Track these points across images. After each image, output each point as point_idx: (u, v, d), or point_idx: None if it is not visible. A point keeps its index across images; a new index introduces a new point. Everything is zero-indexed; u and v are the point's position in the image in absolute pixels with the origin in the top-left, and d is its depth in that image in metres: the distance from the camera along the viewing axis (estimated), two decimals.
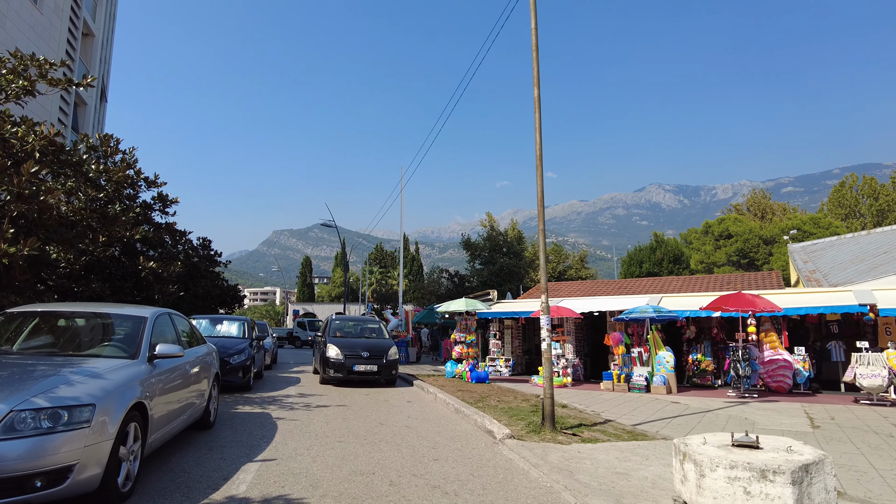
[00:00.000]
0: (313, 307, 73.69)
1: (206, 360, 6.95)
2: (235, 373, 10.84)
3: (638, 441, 7.33)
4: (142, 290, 13.15)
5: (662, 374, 14.33)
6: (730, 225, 57.82)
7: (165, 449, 5.80)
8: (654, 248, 62.05)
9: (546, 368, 8.29)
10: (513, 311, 17.52)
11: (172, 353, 5.09)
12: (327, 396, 11.02)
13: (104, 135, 14.42)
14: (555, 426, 7.98)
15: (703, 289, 19.56)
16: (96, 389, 3.93)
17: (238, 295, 24.92)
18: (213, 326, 12.51)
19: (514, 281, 48.00)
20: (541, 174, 8.60)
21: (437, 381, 14.74)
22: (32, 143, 6.97)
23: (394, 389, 13.01)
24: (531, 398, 11.70)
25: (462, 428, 8.08)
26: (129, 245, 13.18)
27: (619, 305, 17.01)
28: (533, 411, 9.59)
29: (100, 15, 28.09)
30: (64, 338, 5.25)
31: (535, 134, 8.72)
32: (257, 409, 9.07)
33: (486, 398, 11.46)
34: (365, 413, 9.08)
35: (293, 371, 17.50)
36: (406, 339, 24.18)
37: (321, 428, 7.54)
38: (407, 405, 10.29)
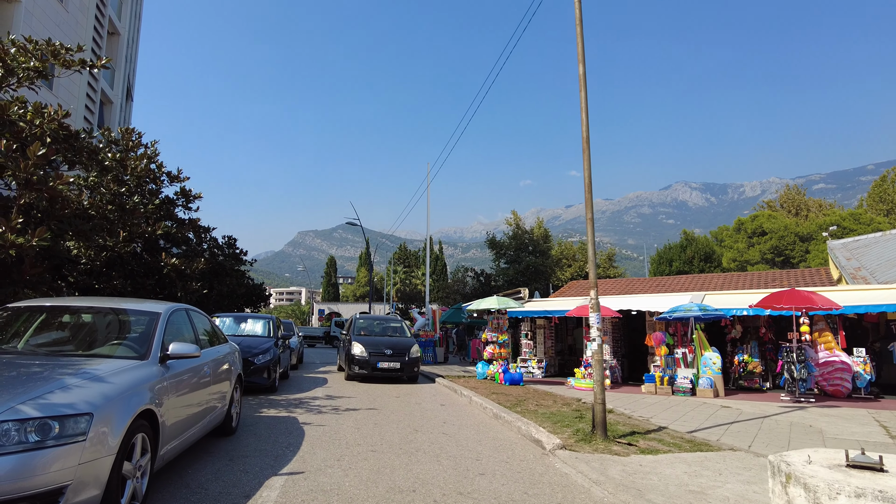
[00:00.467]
0: (338, 307, 73.66)
1: (227, 360, 6.38)
2: (260, 373, 10.32)
3: (703, 452, 6.56)
4: (164, 287, 12.74)
5: (709, 377, 13.46)
6: (763, 222, 56.02)
7: (181, 459, 5.23)
8: (684, 247, 60.71)
9: (597, 371, 7.57)
10: (546, 310, 16.75)
11: (188, 354, 4.51)
12: (356, 399, 10.43)
13: (126, 128, 14.07)
14: (606, 434, 7.25)
15: (746, 286, 18.55)
16: (95, 396, 3.34)
17: (263, 294, 24.58)
18: (237, 325, 12.02)
19: (540, 280, 47.10)
20: (588, 158, 7.88)
21: (469, 383, 14.08)
22: (41, 126, 6.50)
23: (425, 391, 12.37)
24: (572, 402, 10.96)
25: (505, 436, 7.39)
26: (152, 241, 12.78)
27: (660, 304, 16.14)
28: (578, 417, 8.86)
29: (125, 14, 28.04)
30: (67, 336, 4.70)
31: (580, 114, 8.00)
32: (283, 412, 8.50)
33: (524, 402, 10.76)
34: (397, 418, 8.45)
35: (319, 371, 17.00)
36: (433, 338, 23.55)
37: (351, 435, 6.93)
38: (440, 409, 9.64)
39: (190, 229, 14.51)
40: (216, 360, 5.93)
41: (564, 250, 58.66)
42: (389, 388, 12.75)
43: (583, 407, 10.37)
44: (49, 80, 7.42)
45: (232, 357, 6.72)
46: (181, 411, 4.58)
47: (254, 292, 23.69)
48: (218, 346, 6.39)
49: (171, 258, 12.54)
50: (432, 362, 22.46)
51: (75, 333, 4.75)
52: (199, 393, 5.10)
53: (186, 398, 4.74)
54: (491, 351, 15.24)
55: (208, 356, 5.66)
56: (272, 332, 11.91)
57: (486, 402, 9.86)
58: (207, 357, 5.61)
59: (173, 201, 14.30)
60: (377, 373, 13.93)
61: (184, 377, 4.72)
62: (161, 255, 12.39)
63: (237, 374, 6.78)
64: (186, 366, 4.82)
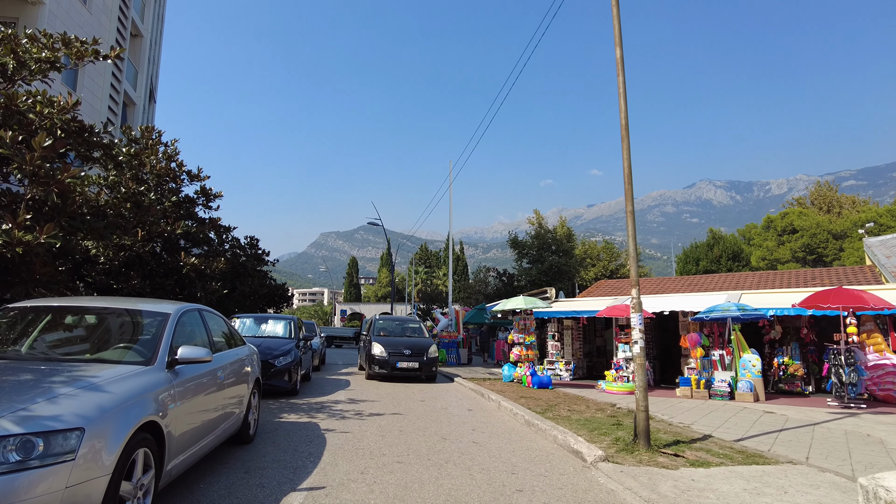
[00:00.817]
0: (360, 307, 73.64)
1: (244, 364, 5.99)
2: (281, 376, 9.96)
3: (759, 465, 5.98)
4: (184, 287, 12.48)
5: (748, 380, 12.77)
6: (794, 219, 54.44)
7: (193, 471, 4.84)
8: (711, 245, 59.40)
9: (640, 376, 7.03)
10: (575, 311, 16.16)
11: (198, 358, 4.10)
12: (380, 403, 10.00)
13: (146, 126, 13.88)
14: (650, 444, 6.71)
15: (784, 285, 17.73)
16: (89, 407, 2.94)
17: (286, 294, 24.35)
18: (258, 326, 11.70)
19: (563, 280, 46.29)
20: (627, 146, 7.34)
21: (495, 386, 13.59)
22: (51, 117, 6.19)
23: (451, 395, 11.91)
24: (606, 407, 10.40)
25: (540, 445, 6.88)
26: (171, 241, 12.54)
27: (694, 304, 15.47)
28: (615, 424, 8.32)
29: (148, 16, 28.10)
30: (67, 338, 4.33)
31: (618, 100, 7.47)
32: (304, 417, 8.10)
33: (555, 407, 10.24)
34: (423, 424, 8.00)
35: (341, 373, 16.66)
36: (457, 339, 23.09)
37: (376, 443, 6.49)
38: (468, 414, 9.17)
39: (210, 228, 14.26)
40: (232, 363, 5.54)
41: (588, 250, 57.76)
42: (413, 390, 12.33)
43: (618, 412, 9.82)
44: (61, 72, 7.12)
45: (250, 360, 6.33)
46: (192, 421, 4.18)
47: (276, 293, 23.47)
48: (235, 348, 6.01)
49: (191, 258, 12.29)
50: (456, 364, 22.00)
51: (77, 336, 4.38)
52: (212, 400, 4.71)
53: (198, 406, 4.34)
54: (517, 353, 14.72)
55: (223, 360, 5.27)
56: (293, 333, 11.56)
57: (516, 408, 9.36)
58: (222, 361, 5.22)
59: (193, 200, 14.08)
60: (396, 372, 14.31)
61: (195, 383, 4.33)
62: (180, 254, 12.14)
63: (255, 379, 6.39)
64: (198, 371, 4.43)
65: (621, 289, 20.71)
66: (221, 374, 5.02)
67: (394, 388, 12.45)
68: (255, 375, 6.40)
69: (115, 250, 10.92)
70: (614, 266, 57.83)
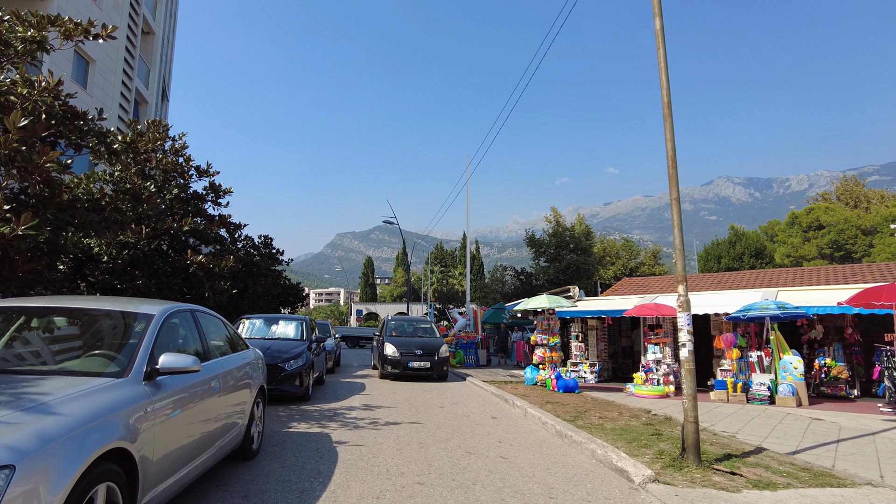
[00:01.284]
0: (376, 307, 73.22)
1: (247, 371, 5.35)
2: (291, 381, 9.33)
3: (833, 487, 5.20)
4: (192, 286, 11.92)
5: (789, 383, 11.91)
6: (820, 215, 52.91)
7: (182, 497, 4.19)
8: (733, 242, 58.12)
9: (688, 383, 6.29)
10: (602, 310, 15.35)
11: (183, 368, 3.45)
12: (396, 410, 9.32)
13: (153, 121, 13.37)
14: (701, 459, 5.95)
15: (823, 281, 16.76)
16: (25, 437, 2.29)
17: (301, 294, 23.82)
18: (268, 327, 11.09)
19: (582, 278, 45.31)
20: (670, 126, 6.58)
21: (518, 390, 12.87)
22: (35, 99, 5.61)
23: (472, 400, 11.21)
24: (640, 414, 9.64)
25: (576, 461, 6.15)
26: (178, 238, 11.99)
27: (728, 302, 14.61)
28: (655, 434, 7.57)
29: (160, 13, 27.75)
30: (27, 346, 3.69)
31: (659, 76, 6.71)
32: (314, 427, 7.45)
33: (585, 413, 9.49)
34: (444, 434, 7.30)
35: (357, 375, 16.03)
36: (475, 340, 22.35)
37: (393, 459, 5.80)
38: (492, 423, 8.45)
39: (220, 225, 13.69)
40: (232, 371, 4.90)
41: (607, 247, 56.72)
42: (432, 395, 11.64)
43: (654, 420, 9.05)
44: (49, 53, 6.53)
45: (254, 366, 5.69)
46: (177, 441, 3.53)
47: (290, 292, 22.96)
48: (236, 353, 5.37)
49: (199, 256, 11.73)
50: (474, 365, 21.28)
51: (40, 343, 3.74)
52: (204, 414, 4.06)
53: (186, 423, 3.70)
54: (541, 354, 13.97)
55: (221, 367, 4.62)
56: (305, 334, 10.92)
57: (545, 415, 8.62)
58: (219, 368, 4.57)
59: (202, 196, 13.53)
60: (408, 372, 14.64)
61: (182, 397, 3.67)
62: (187, 252, 11.59)
63: (259, 387, 5.74)
64: (186, 382, 3.77)
65: (648, 287, 19.84)
66: (217, 385, 4.37)
67: (411, 393, 11.78)
68: (259, 383, 5.76)
69: (119, 248, 10.39)
70: (634, 264, 56.76)
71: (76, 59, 19.51)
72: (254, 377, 5.58)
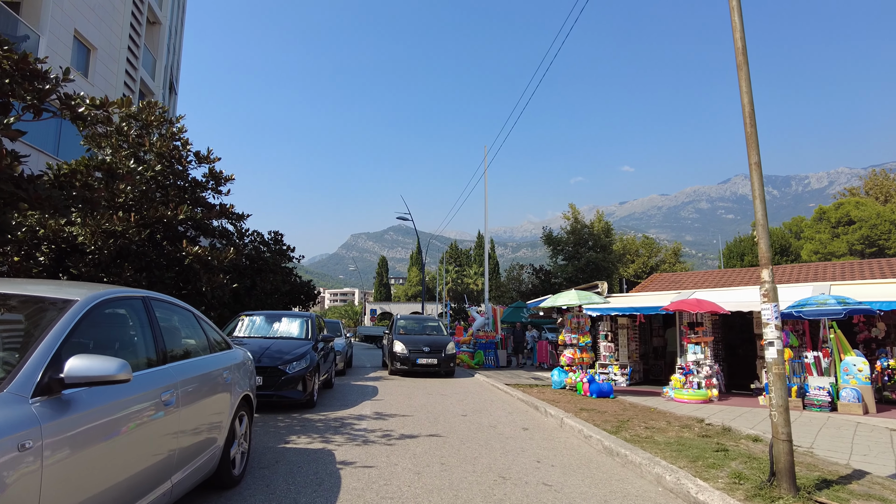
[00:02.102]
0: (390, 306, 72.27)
1: (224, 377, 4.22)
2: (293, 386, 8.20)
3: None
4: (189, 280, 10.87)
5: (854, 388, 10.57)
6: (850, 210, 50.96)
7: None
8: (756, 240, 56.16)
9: (777, 392, 5.06)
10: (636, 307, 14.06)
11: (102, 376, 2.32)
12: (413, 419, 8.15)
13: (147, 101, 12.36)
14: (797, 487, 4.73)
15: (878, 274, 15.35)
16: None
17: (312, 292, 22.76)
18: (269, 325, 9.97)
19: (601, 276, 43.89)
20: (746, 76, 5.35)
21: (545, 394, 11.67)
22: None
23: (496, 407, 10.01)
24: (690, 423, 8.39)
25: (638, 489, 4.94)
26: (173, 227, 10.94)
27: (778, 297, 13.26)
28: (720, 451, 6.34)
29: (166, 3, 26.88)
30: None
31: (731, 15, 5.48)
32: (317, 441, 6.31)
33: (627, 423, 8.28)
34: (470, 452, 6.12)
35: (369, 377, 14.89)
36: (495, 340, 21.12)
37: (410, 487, 4.64)
38: (525, 436, 7.26)
39: (220, 215, 12.64)
40: (201, 377, 3.77)
41: (627, 245, 55.24)
42: (452, 401, 10.47)
43: (711, 431, 7.81)
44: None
45: (237, 371, 4.57)
46: (95, 484, 2.40)
47: (301, 290, 21.92)
48: (213, 355, 4.25)
49: (195, 247, 10.69)
50: (494, 367, 20.06)
51: None
52: (147, 440, 2.92)
53: (110, 457, 2.56)
54: (570, 355, 12.73)
55: (181, 373, 3.49)
56: (310, 333, 9.77)
57: (585, 426, 7.40)
58: (178, 375, 3.43)
59: (201, 184, 12.50)
60: (416, 368, 15.29)
61: (106, 420, 2.54)
62: (182, 243, 10.54)
63: (243, 396, 4.61)
64: (114, 396, 2.64)
65: (681, 282, 18.50)
66: (173, 397, 3.24)
67: (428, 399, 10.61)
68: (243, 391, 4.63)
69: (104, 237, 9.36)
70: (654, 262, 55.27)
71: (76, 45, 18.63)
72: (235, 384, 4.45)
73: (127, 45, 21.37)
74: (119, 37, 21.01)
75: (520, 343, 23.89)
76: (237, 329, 9.73)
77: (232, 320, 10.09)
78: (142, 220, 10.28)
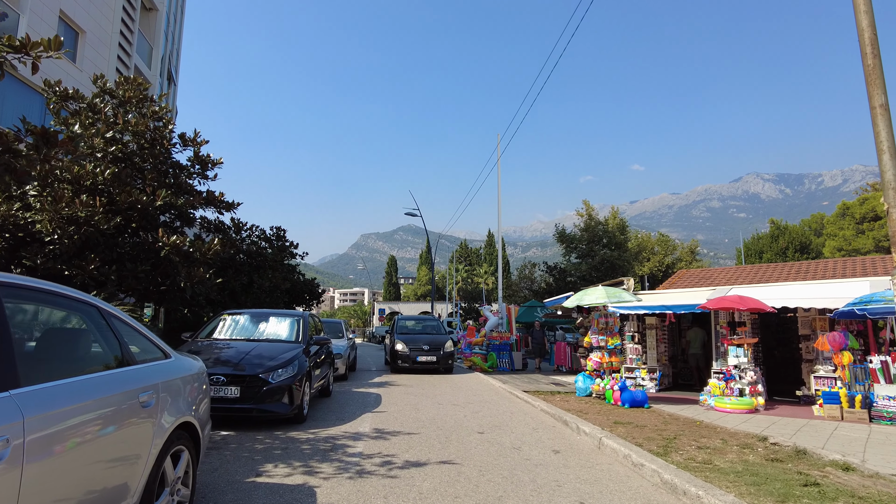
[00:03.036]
0: (399, 306, 71.08)
1: (140, 402, 2.90)
2: (277, 397, 6.87)
3: None
4: (168, 275, 9.61)
5: None
6: (876, 205, 49.21)
7: None
8: (775, 237, 55.16)
9: None
10: (669, 305, 12.61)
11: None
12: (419, 437, 6.81)
13: (126, 77, 11.14)
14: None
15: None
16: None
17: (316, 290, 21.48)
18: (255, 325, 8.63)
19: (617, 275, 42.40)
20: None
21: (570, 403, 10.32)
22: None
23: (518, 421, 8.62)
24: (749, 441, 7.01)
25: None
26: (150, 215, 9.68)
27: (821, 293, 11.86)
28: (807, 484, 4.97)
29: None
30: None
31: None
32: (297, 473, 4.99)
33: (675, 441, 6.92)
34: (493, 488, 4.76)
35: (373, 382, 13.56)
36: (509, 341, 19.73)
37: None
38: (557, 461, 5.89)
39: (208, 203, 11.38)
40: (85, 408, 2.46)
41: (642, 242, 53.67)
42: (465, 412, 9.12)
43: (781, 453, 6.41)
44: None
45: (173, 391, 3.26)
46: None
47: (305, 289, 20.66)
48: (126, 369, 2.95)
49: (173, 236, 9.42)
50: (509, 370, 18.68)
51: None
52: None
53: None
54: (598, 359, 11.34)
55: (42, 402, 2.18)
56: (301, 334, 8.40)
57: (632, 451, 6.01)
58: (31, 407, 2.13)
59: (184, 168, 11.27)
60: (417, 365, 16.17)
61: None
62: (158, 232, 9.27)
63: (178, 425, 3.29)
64: None
65: (711, 278, 17.03)
66: (5, 449, 1.93)
67: (438, 410, 9.25)
68: (180, 418, 3.31)
69: (63, 224, 8.11)
70: (670, 260, 53.69)
71: (62, 27, 17.46)
72: (165, 409, 3.13)
73: (119, 29, 20.19)
74: (110, 20, 19.83)
75: (540, 345, 22.40)
76: (217, 330, 8.43)
77: (212, 320, 8.79)
78: (112, 205, 9.03)
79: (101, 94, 10.47)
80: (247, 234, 17.98)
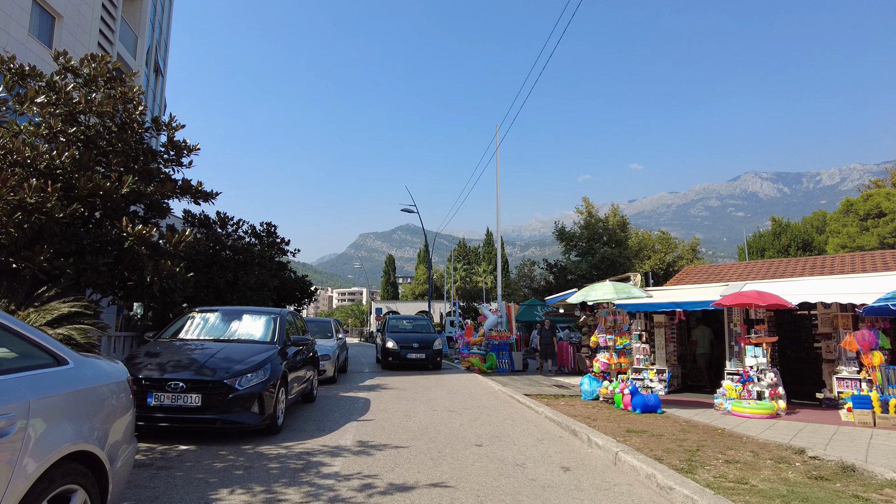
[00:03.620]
0: (397, 305, 70.24)
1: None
2: (244, 406, 5.98)
3: None
4: (134, 269, 8.71)
5: None
6: (881, 201, 48.43)
7: None
8: (777, 234, 54.57)
9: None
10: (681, 302, 11.73)
11: None
12: (409, 451, 5.93)
13: (91, 54, 10.26)
14: None
15: None
16: None
17: (308, 288, 20.56)
18: (226, 324, 7.71)
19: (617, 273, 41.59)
20: None
21: (576, 409, 9.47)
22: None
23: (519, 431, 7.72)
24: (784, 454, 6.16)
25: None
26: (114, 203, 8.76)
27: (843, 289, 11.00)
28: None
29: None
30: None
31: None
32: (258, 501, 4.12)
33: (699, 453, 6.07)
34: None
35: (363, 386, 12.66)
36: (509, 341, 18.86)
37: None
38: (567, 482, 5.01)
39: (183, 192, 10.48)
40: None
41: (642, 240, 52.87)
42: (462, 420, 8.23)
43: (823, 468, 5.55)
44: None
45: (49, 414, 2.40)
46: None
47: (295, 286, 19.74)
48: None
49: (137, 226, 8.52)
50: (509, 371, 17.80)
51: None
52: None
53: None
54: (606, 360, 10.47)
55: None
56: (277, 334, 7.47)
57: (657, 470, 5.12)
58: None
59: (155, 153, 10.37)
60: (407, 362, 16.79)
61: None
62: (121, 221, 8.37)
63: (66, 454, 2.42)
64: None
65: (721, 274, 16.17)
66: None
67: (432, 417, 8.37)
68: (68, 447, 2.43)
69: (8, 211, 7.22)
70: (671, 258, 52.90)
71: (36, 11, 16.54)
72: (35, 439, 2.25)
73: (100, 15, 19.27)
74: (90, 5, 18.91)
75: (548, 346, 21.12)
76: (184, 329, 7.54)
77: (178, 318, 7.90)
78: (70, 191, 8.15)
79: (62, 71, 9.58)
80: (233, 228, 17.13)
